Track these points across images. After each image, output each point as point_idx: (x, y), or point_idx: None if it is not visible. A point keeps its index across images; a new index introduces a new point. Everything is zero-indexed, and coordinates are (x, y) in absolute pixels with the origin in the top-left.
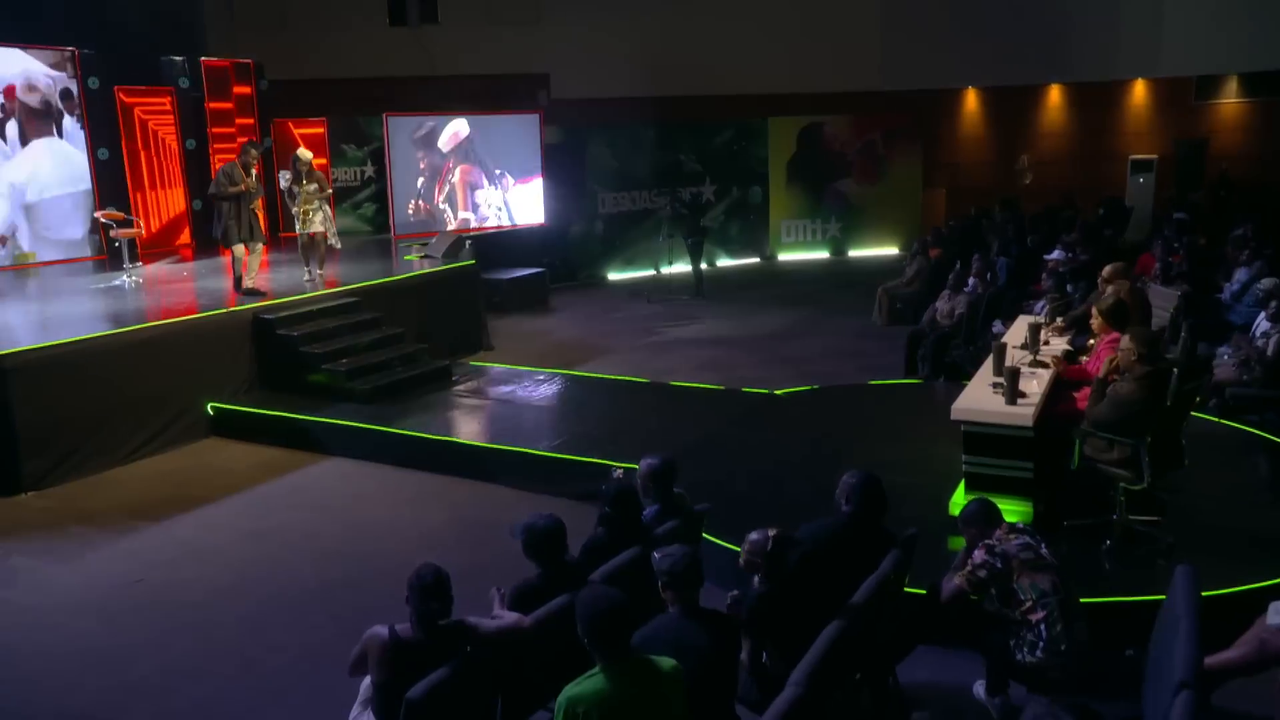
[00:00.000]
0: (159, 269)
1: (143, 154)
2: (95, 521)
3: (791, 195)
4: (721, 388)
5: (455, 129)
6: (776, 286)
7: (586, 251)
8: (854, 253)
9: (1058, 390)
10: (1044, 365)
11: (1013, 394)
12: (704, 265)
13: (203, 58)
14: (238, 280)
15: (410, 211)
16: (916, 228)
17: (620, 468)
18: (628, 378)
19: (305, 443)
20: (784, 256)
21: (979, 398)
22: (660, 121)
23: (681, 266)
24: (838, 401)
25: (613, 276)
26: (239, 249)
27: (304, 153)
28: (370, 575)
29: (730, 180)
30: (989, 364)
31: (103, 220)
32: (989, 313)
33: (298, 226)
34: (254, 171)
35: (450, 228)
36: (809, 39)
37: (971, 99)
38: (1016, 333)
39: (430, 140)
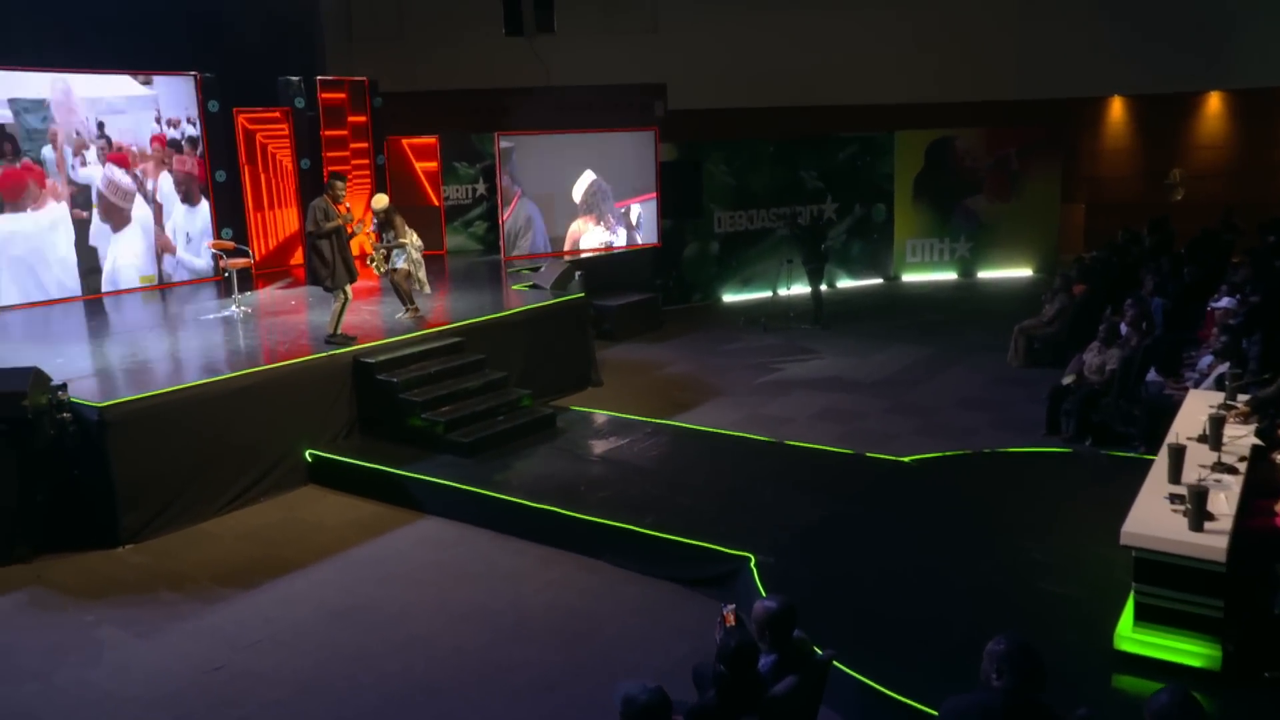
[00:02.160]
0: (269, 295)
1: (258, 174)
2: (184, 587)
3: (918, 213)
4: (845, 452)
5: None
6: (901, 314)
7: (701, 272)
8: (984, 274)
9: (1248, 495)
10: (1231, 470)
11: (1199, 517)
12: (824, 287)
13: (318, 77)
14: (336, 325)
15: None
16: (1053, 248)
17: (731, 605)
18: (742, 434)
19: (401, 498)
20: (908, 277)
21: (1154, 519)
22: (780, 138)
23: (801, 288)
24: (974, 474)
25: (728, 298)
26: (349, 289)
27: (377, 201)
28: (459, 675)
29: (853, 197)
30: (1160, 468)
31: (213, 250)
32: (1145, 361)
33: (377, 269)
34: (345, 206)
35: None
36: (939, 46)
37: (1117, 108)
38: (1190, 419)
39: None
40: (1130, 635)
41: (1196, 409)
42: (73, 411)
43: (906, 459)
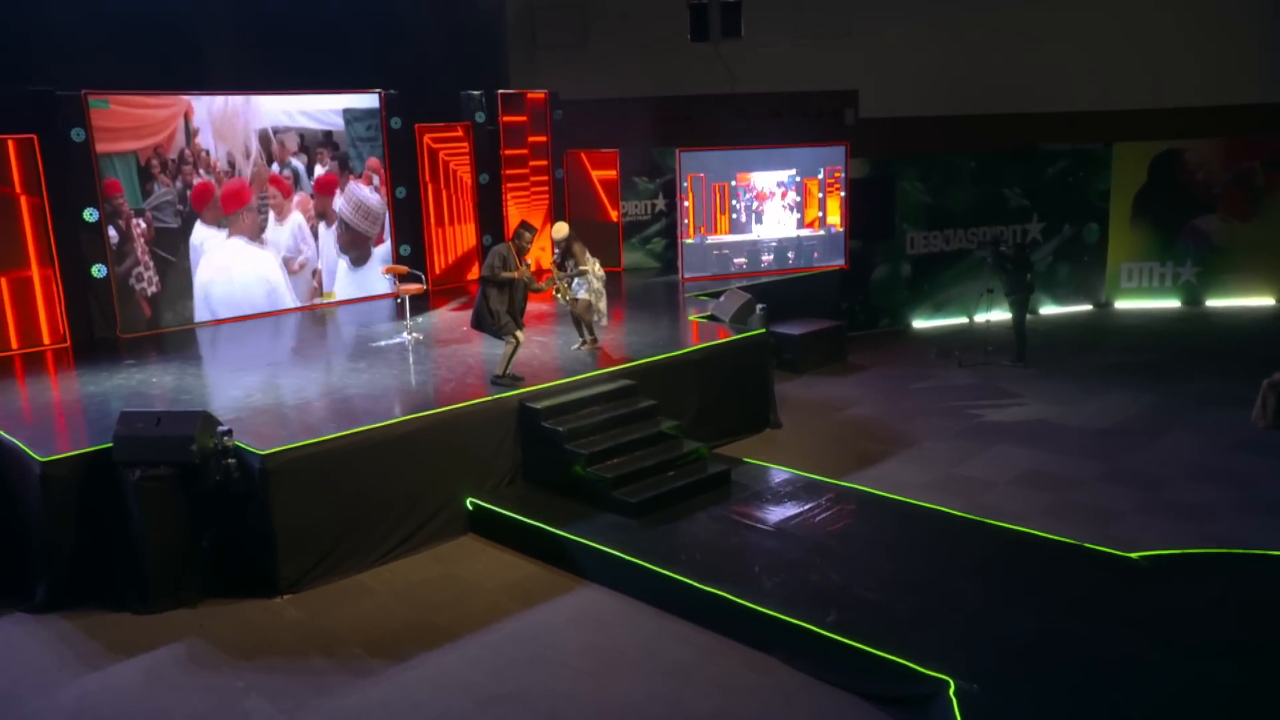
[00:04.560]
0: (442, 318)
1: (436, 189)
2: (335, 653)
3: (1137, 233)
4: (1062, 542)
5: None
6: (1115, 349)
7: (891, 296)
8: (1214, 303)
9: None
10: None
11: None
12: (1028, 315)
13: (499, 90)
14: (506, 366)
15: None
16: None
17: None
18: (937, 507)
19: (561, 560)
20: (1122, 304)
21: None
22: (982, 150)
23: (1001, 314)
24: (1228, 585)
25: (918, 324)
26: (521, 335)
27: (557, 229)
28: None
29: (1062, 216)
30: None
31: (385, 275)
32: None
33: (561, 298)
34: (527, 258)
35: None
36: (1166, 44)
37: None
38: None
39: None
40: None
41: None
42: (237, 457)
43: (1136, 555)
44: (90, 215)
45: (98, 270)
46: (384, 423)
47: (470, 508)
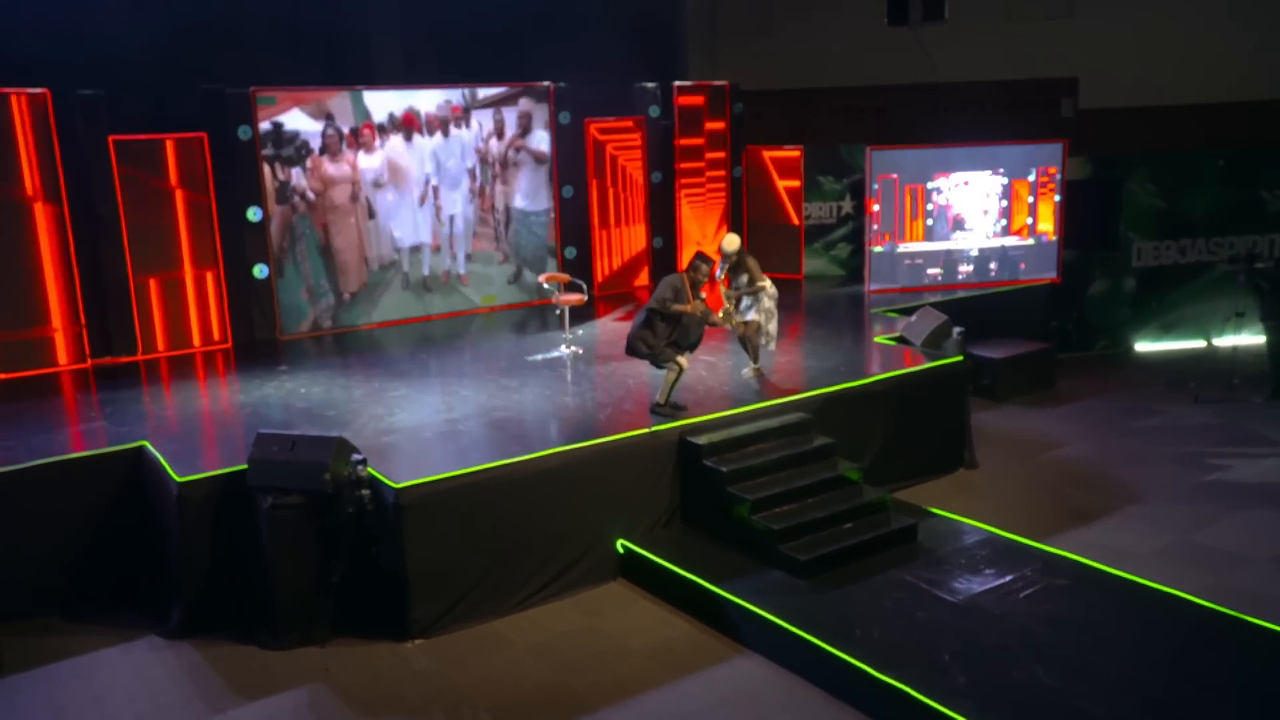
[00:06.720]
0: (603, 330)
1: (608, 189)
2: (460, 717)
3: None
4: None
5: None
6: None
7: (1109, 314)
8: None
9: None
10: None
11: None
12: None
13: (675, 83)
14: (668, 394)
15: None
16: None
17: None
18: (1177, 593)
19: (718, 621)
20: None
21: None
22: (1233, 145)
23: (1250, 338)
24: None
25: (1142, 347)
26: (684, 360)
27: (728, 242)
28: None
29: None
30: None
31: (545, 285)
32: None
33: (725, 323)
34: (703, 292)
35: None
36: None
37: None
38: None
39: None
40: None
41: None
42: (372, 488)
43: None
44: (254, 215)
45: (259, 270)
46: (530, 455)
47: (621, 550)
